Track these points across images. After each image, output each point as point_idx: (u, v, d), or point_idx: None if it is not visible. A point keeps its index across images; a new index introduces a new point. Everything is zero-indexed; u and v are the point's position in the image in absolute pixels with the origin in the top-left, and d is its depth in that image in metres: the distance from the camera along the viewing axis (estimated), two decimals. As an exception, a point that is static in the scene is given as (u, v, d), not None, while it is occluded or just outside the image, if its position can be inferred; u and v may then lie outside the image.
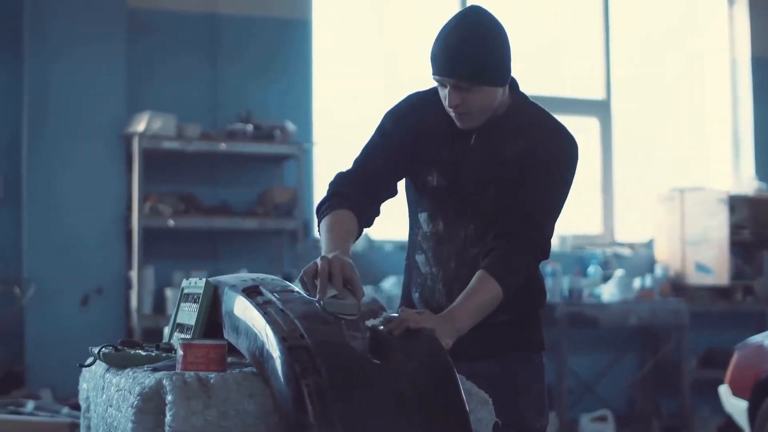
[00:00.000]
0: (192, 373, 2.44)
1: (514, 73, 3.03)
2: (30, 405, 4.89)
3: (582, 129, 8.66)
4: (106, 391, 2.76)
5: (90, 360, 2.93)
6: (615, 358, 8.23)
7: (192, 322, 2.88)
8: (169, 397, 2.36)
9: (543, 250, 2.97)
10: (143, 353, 2.85)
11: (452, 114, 2.96)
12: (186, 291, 3.00)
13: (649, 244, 8.61)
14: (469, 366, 3.00)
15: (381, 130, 3.11)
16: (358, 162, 3.10)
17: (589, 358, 8.13)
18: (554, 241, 8.21)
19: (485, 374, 3.01)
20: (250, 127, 7.17)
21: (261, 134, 7.20)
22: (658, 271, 8.33)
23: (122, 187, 7.04)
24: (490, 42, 2.88)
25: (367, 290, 5.76)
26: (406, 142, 3.06)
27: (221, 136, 7.17)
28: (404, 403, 2.33)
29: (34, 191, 6.91)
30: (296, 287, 2.74)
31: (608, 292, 7.91)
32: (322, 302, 2.57)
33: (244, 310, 2.63)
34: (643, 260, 8.51)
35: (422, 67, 3.06)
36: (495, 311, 2.92)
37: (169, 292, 6.94)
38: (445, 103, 2.94)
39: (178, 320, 3.03)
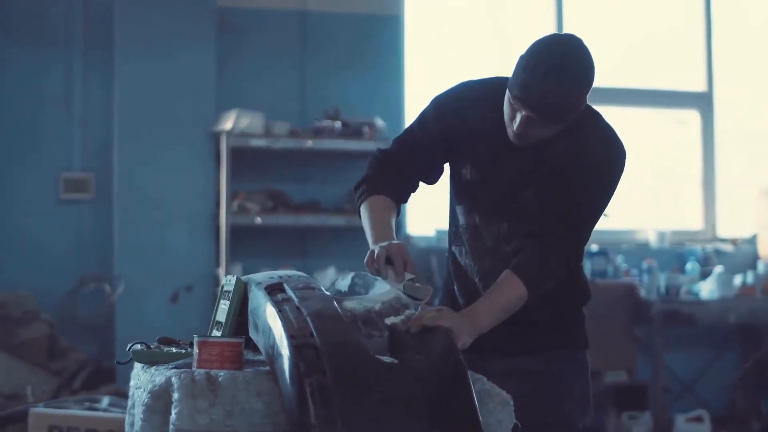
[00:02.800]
0: (202, 370, 2.42)
1: (611, 66, 2.92)
2: (105, 401, 4.95)
3: (682, 122, 8.45)
4: (139, 389, 2.77)
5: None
6: (714, 356, 8.00)
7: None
8: (175, 395, 2.35)
9: (576, 254, 2.90)
10: (174, 351, 2.85)
11: (510, 130, 2.87)
12: (225, 288, 2.99)
13: (752, 240, 8.34)
14: (511, 362, 3.02)
15: (422, 118, 3.08)
16: (396, 143, 3.11)
17: (686, 356, 7.92)
18: (652, 237, 8.11)
19: (527, 371, 3.02)
20: (338, 124, 7.16)
21: (349, 131, 7.18)
22: (761, 267, 8.06)
23: (211, 185, 7.09)
24: (583, 89, 2.76)
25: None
26: (444, 134, 3.02)
27: (309, 134, 7.17)
28: (411, 404, 2.28)
29: (124, 190, 7.00)
30: (318, 284, 2.70)
31: (707, 289, 7.70)
32: (402, 285, 2.66)
33: (263, 307, 2.60)
34: (745, 256, 8.25)
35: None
36: (533, 310, 2.88)
37: (256, 289, 6.95)
38: (511, 124, 2.85)
39: (217, 318, 3.02)
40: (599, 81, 2.94)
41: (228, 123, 6.90)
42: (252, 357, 2.66)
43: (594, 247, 7.74)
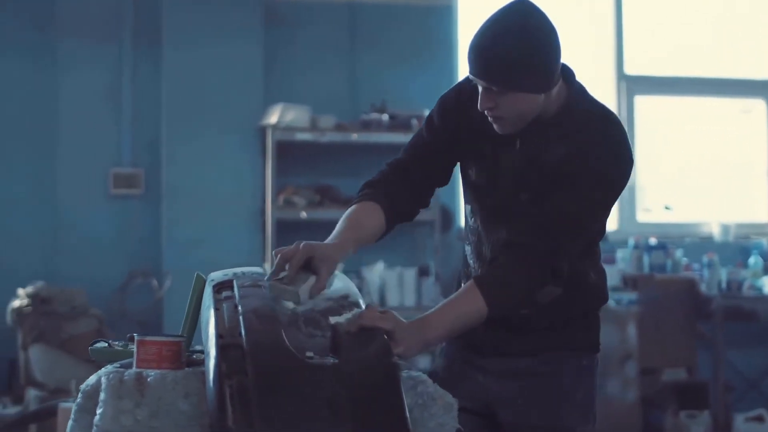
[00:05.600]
0: (133, 370, 2.37)
1: (673, 55, 2.71)
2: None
3: (748, 111, 8.20)
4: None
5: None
6: (780, 354, 7.73)
7: (192, 317, 2.83)
8: (101, 395, 2.30)
9: (553, 268, 2.68)
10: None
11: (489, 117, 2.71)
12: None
13: (823, 233, 8.06)
14: (511, 362, 2.87)
15: (429, 119, 2.91)
16: (405, 151, 2.95)
17: (751, 353, 7.65)
18: (715, 230, 7.87)
19: (526, 371, 2.86)
20: (385, 117, 7.08)
21: (397, 124, 7.08)
22: (831, 261, 7.78)
23: (259, 180, 7.08)
24: (529, 44, 2.56)
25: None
26: (449, 132, 2.85)
27: (356, 127, 7.10)
28: (334, 406, 2.18)
29: (172, 185, 7.03)
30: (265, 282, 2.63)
31: (771, 284, 7.46)
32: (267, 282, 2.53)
33: (207, 305, 2.54)
34: (815, 250, 7.96)
35: (570, 56, 2.78)
36: (539, 317, 2.78)
37: (303, 285, 6.92)
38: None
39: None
40: (661, 71, 2.76)
41: (273, 117, 6.88)
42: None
43: (652, 240, 7.55)
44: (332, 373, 2.23)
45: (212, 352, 2.27)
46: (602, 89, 7.75)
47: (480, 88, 2.64)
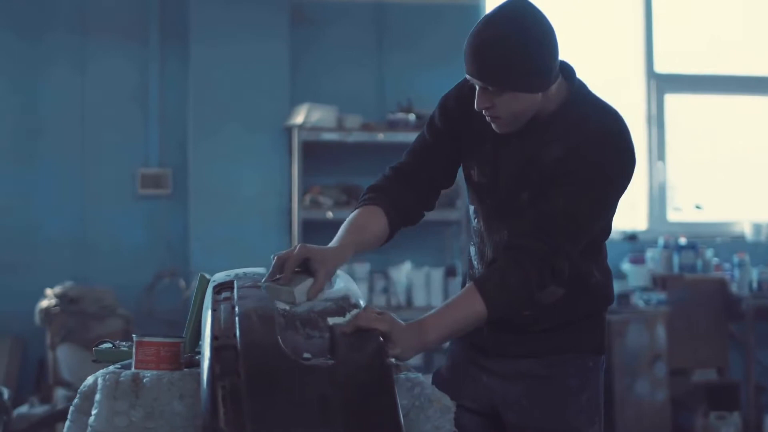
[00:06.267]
0: (129, 371, 2.37)
1: (703, 53, 2.65)
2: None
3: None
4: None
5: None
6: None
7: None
8: (97, 396, 2.32)
9: (554, 269, 2.63)
10: (138, 349, 2.80)
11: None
12: (199, 286, 2.95)
13: None
14: (515, 364, 2.84)
15: (430, 120, 2.92)
16: (408, 154, 2.94)
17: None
18: (747, 229, 7.78)
19: (530, 374, 2.83)
20: (412, 117, 7.06)
21: (423, 123, 7.03)
22: None
23: (286, 180, 7.08)
24: (524, 43, 2.54)
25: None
26: (452, 133, 2.84)
27: (382, 127, 7.09)
28: (326, 407, 2.18)
29: (200, 185, 7.05)
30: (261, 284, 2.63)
31: (804, 284, 7.36)
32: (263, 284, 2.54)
33: (206, 306, 2.55)
34: None
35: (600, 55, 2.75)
36: (543, 319, 2.76)
37: (330, 284, 6.92)
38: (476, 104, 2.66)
39: (196, 316, 2.97)
40: (691, 69, 2.71)
41: (300, 117, 6.88)
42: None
43: (682, 240, 7.49)
44: (325, 374, 2.23)
45: (207, 353, 2.27)
46: (632, 88, 7.70)
47: (477, 88, 2.62)
